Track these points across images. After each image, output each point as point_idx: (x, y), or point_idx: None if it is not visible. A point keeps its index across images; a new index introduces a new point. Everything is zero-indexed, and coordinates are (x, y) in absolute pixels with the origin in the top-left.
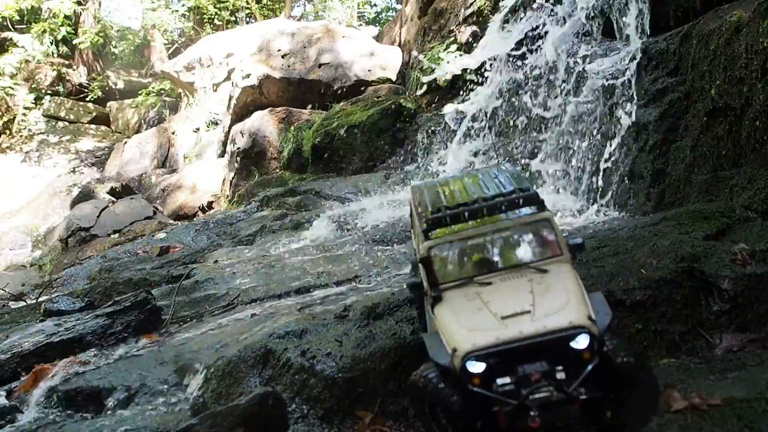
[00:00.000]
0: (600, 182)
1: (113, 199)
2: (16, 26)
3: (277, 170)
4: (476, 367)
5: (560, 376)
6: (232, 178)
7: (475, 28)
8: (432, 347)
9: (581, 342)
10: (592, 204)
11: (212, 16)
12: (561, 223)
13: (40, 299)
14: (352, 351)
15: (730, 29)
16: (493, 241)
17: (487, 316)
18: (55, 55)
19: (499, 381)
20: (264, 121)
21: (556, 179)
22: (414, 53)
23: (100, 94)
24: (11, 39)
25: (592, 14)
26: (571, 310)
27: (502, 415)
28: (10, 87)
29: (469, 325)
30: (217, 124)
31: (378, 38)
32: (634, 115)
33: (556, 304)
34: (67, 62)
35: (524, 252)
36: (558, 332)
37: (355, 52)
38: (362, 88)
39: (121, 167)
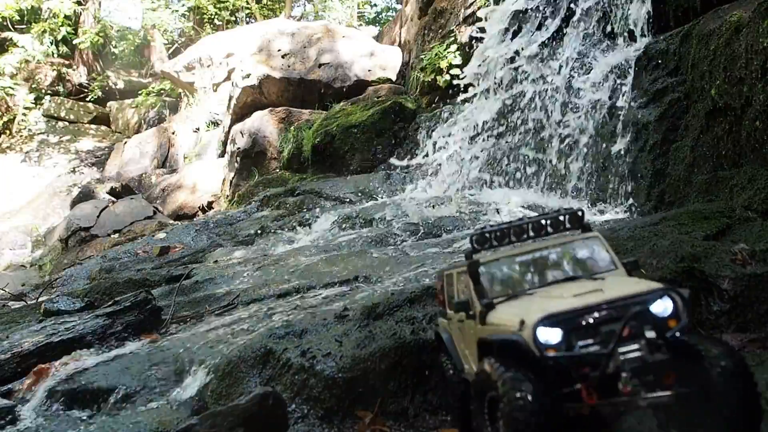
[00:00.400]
0: (601, 183)
1: (113, 199)
2: (16, 26)
3: (277, 170)
4: (550, 334)
5: (650, 334)
6: (232, 178)
7: (475, 28)
8: (494, 335)
9: (665, 307)
10: (594, 205)
11: (212, 16)
12: None
13: (40, 299)
14: (352, 351)
15: (730, 29)
16: (543, 259)
17: (556, 298)
18: (55, 55)
19: (581, 343)
20: (264, 121)
21: (556, 179)
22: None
23: (100, 94)
24: (11, 39)
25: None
26: (646, 283)
27: (585, 387)
28: (10, 87)
29: (537, 304)
30: (217, 124)
31: (378, 38)
32: (633, 115)
33: (627, 283)
34: (67, 62)
35: (577, 267)
36: (638, 296)
37: (355, 52)
38: (362, 88)
39: (121, 167)
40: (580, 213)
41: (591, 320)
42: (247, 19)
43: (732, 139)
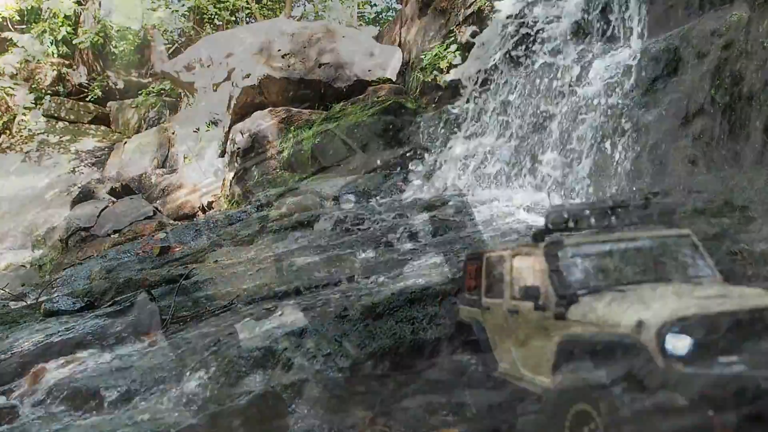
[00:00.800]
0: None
1: (113, 199)
2: (16, 26)
3: (277, 170)
4: (680, 342)
5: None
6: (232, 178)
7: (475, 28)
8: (594, 336)
9: None
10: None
11: (212, 16)
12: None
13: (40, 299)
14: (352, 351)
15: (730, 29)
16: (632, 252)
17: (674, 296)
18: (55, 55)
19: (722, 359)
20: (264, 121)
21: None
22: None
23: (100, 94)
24: (11, 39)
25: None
26: None
27: (721, 420)
28: (10, 87)
29: (656, 300)
30: (217, 124)
31: (378, 38)
32: (633, 115)
33: (755, 292)
34: (67, 62)
35: (671, 268)
36: None
37: (355, 52)
38: (362, 88)
39: (121, 167)
40: (673, 206)
41: (734, 331)
42: (247, 19)
43: (732, 139)
